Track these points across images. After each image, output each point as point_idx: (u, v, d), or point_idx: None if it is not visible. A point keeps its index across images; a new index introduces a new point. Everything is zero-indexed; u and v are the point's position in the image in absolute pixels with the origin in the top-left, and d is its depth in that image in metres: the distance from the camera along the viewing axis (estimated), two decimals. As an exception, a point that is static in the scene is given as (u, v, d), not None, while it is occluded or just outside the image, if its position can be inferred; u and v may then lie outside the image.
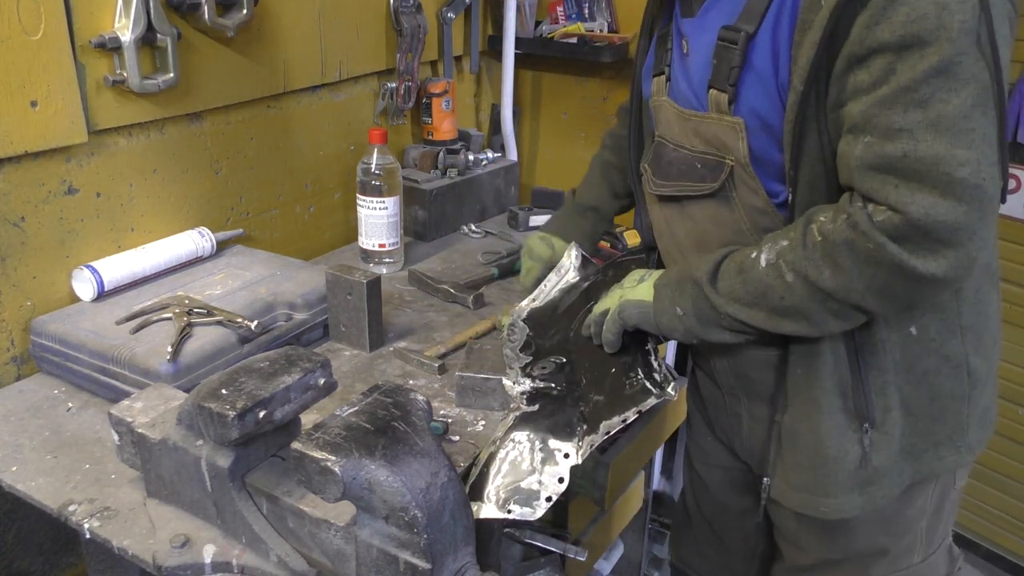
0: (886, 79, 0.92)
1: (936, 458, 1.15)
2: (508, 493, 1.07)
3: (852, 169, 0.96)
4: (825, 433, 1.12)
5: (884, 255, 0.94)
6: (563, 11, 2.28)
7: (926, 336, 1.09)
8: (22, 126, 1.25)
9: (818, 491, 1.15)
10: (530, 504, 1.06)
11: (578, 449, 1.12)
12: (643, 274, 1.25)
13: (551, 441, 1.14)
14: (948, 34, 0.88)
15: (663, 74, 1.24)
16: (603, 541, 1.90)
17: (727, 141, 1.09)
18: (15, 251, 1.31)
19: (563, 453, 1.12)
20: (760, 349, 1.19)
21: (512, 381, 1.27)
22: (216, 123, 1.60)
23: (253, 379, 0.91)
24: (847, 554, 1.25)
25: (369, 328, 1.41)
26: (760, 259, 1.05)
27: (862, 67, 0.94)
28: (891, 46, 0.91)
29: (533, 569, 1.59)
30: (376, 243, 1.73)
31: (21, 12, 1.21)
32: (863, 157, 0.94)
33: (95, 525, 1.01)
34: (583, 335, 1.32)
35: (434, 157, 2.03)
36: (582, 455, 1.11)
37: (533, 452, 1.13)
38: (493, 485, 1.09)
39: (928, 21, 0.89)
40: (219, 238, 1.59)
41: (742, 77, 1.05)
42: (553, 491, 1.07)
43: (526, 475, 1.09)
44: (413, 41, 1.95)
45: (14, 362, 1.35)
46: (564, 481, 1.08)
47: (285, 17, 1.67)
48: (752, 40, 1.03)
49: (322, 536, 0.91)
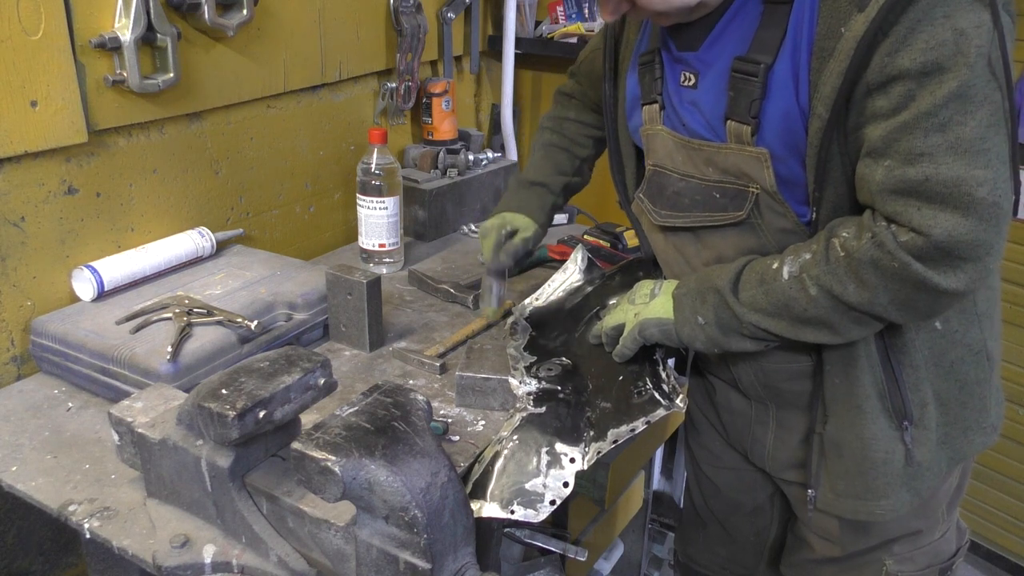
0: (906, 105, 0.94)
1: (967, 442, 1.19)
2: (512, 494, 1.07)
3: (873, 193, 0.99)
4: (872, 438, 1.14)
5: (909, 273, 0.97)
6: (563, 11, 2.28)
7: (950, 329, 1.13)
8: (22, 126, 1.25)
9: (869, 496, 1.17)
10: (534, 506, 1.06)
11: (584, 455, 1.11)
12: (654, 286, 1.25)
13: (558, 445, 1.13)
14: (966, 59, 0.91)
15: (655, 103, 1.23)
16: (603, 541, 1.90)
17: (750, 171, 1.10)
18: (15, 251, 1.31)
19: (569, 458, 1.11)
20: (790, 360, 1.21)
21: (518, 381, 1.27)
22: (216, 123, 1.60)
23: (253, 379, 0.91)
24: (883, 540, 1.28)
25: (369, 328, 1.41)
26: (782, 271, 1.06)
27: (881, 93, 0.96)
28: (911, 73, 0.93)
29: (533, 569, 1.59)
30: (376, 243, 1.73)
31: (21, 12, 1.21)
32: (884, 182, 0.97)
33: (95, 525, 1.01)
34: (591, 342, 1.32)
35: (434, 157, 2.03)
36: (588, 461, 1.11)
37: (539, 454, 1.12)
38: (497, 484, 1.09)
39: (947, 48, 0.91)
40: (219, 238, 1.59)
41: (763, 108, 1.05)
42: (557, 495, 1.07)
43: (531, 477, 1.09)
44: (413, 41, 1.95)
45: (14, 362, 1.35)
46: (569, 486, 1.08)
47: (285, 17, 1.67)
48: (771, 71, 1.04)
49: (322, 536, 0.91)
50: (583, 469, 1.10)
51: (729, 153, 1.11)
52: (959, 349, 1.15)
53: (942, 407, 1.16)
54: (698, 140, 1.15)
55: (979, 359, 1.16)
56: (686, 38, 1.14)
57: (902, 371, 1.12)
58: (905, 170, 0.95)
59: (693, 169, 1.18)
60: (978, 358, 1.16)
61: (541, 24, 2.31)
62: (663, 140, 1.21)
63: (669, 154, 1.21)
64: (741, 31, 1.07)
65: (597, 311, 1.37)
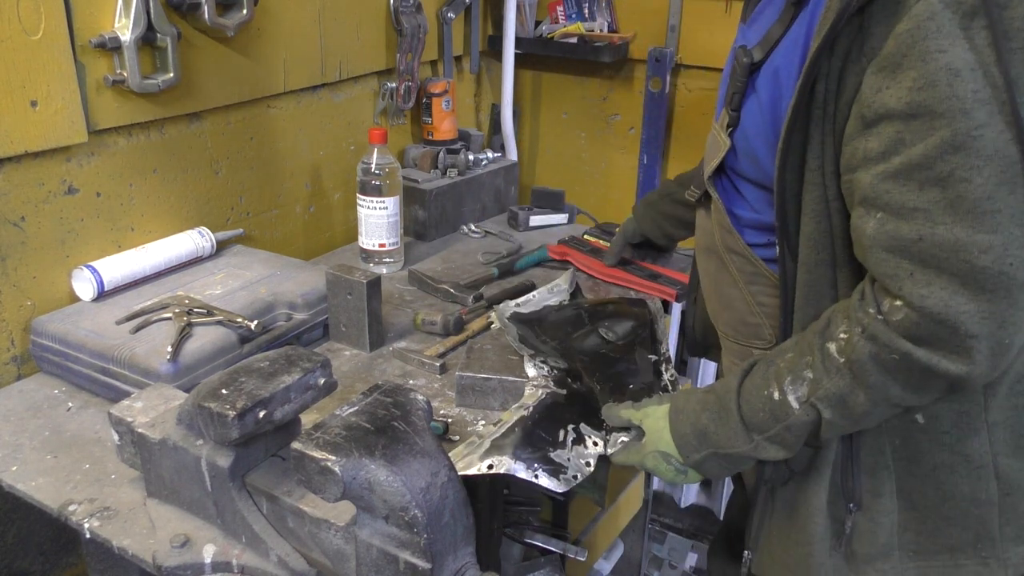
0: (896, 150, 0.84)
1: (953, 565, 1.02)
2: (537, 459, 1.11)
3: (865, 248, 0.89)
4: (817, 508, 1.03)
5: (912, 362, 0.86)
6: (563, 11, 2.28)
7: (937, 428, 0.98)
8: (22, 126, 1.25)
9: (798, 571, 1.06)
10: (557, 476, 1.10)
11: (606, 442, 1.15)
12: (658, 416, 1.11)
13: (583, 426, 1.18)
14: (961, 104, 0.79)
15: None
16: (603, 541, 1.90)
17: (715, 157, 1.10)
18: (15, 251, 1.31)
19: (593, 440, 1.16)
20: None
21: (533, 365, 1.30)
22: (216, 123, 1.60)
23: (253, 379, 0.91)
24: None
25: (369, 328, 1.41)
26: (790, 401, 0.96)
27: (871, 132, 0.86)
28: (898, 114, 0.83)
29: (533, 569, 1.60)
30: (376, 243, 1.73)
31: (21, 12, 1.21)
32: (876, 236, 0.86)
33: (95, 525, 1.01)
34: (589, 351, 1.34)
35: (434, 157, 2.03)
36: (611, 447, 1.13)
37: (566, 430, 1.17)
38: (523, 447, 1.12)
39: (937, 89, 0.79)
40: (219, 238, 1.59)
41: (745, 102, 1.03)
42: (580, 472, 1.10)
43: (557, 447, 1.13)
44: (413, 41, 1.95)
45: (14, 362, 1.35)
46: (591, 467, 1.11)
47: (285, 17, 1.67)
48: (759, 68, 1.01)
49: (322, 536, 0.91)
50: (606, 455, 1.13)
51: (715, 133, 1.11)
52: (947, 455, 0.98)
53: (913, 511, 1.01)
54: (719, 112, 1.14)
55: (981, 475, 0.98)
56: (747, 6, 1.11)
57: (860, 448, 1.00)
58: (898, 225, 0.84)
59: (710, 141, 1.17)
60: (979, 473, 0.98)
61: (541, 24, 2.31)
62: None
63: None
64: (768, 19, 1.02)
65: (596, 328, 1.40)
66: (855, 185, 0.89)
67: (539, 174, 2.50)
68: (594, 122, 2.36)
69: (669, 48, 2.13)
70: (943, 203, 0.81)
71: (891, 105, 0.83)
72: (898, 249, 0.85)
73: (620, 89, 2.28)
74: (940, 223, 0.82)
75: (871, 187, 0.86)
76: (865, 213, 0.88)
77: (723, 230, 1.12)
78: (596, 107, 2.34)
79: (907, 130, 0.82)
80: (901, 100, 0.82)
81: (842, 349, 0.91)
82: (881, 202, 0.85)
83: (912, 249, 0.83)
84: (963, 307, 0.81)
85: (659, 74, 2.15)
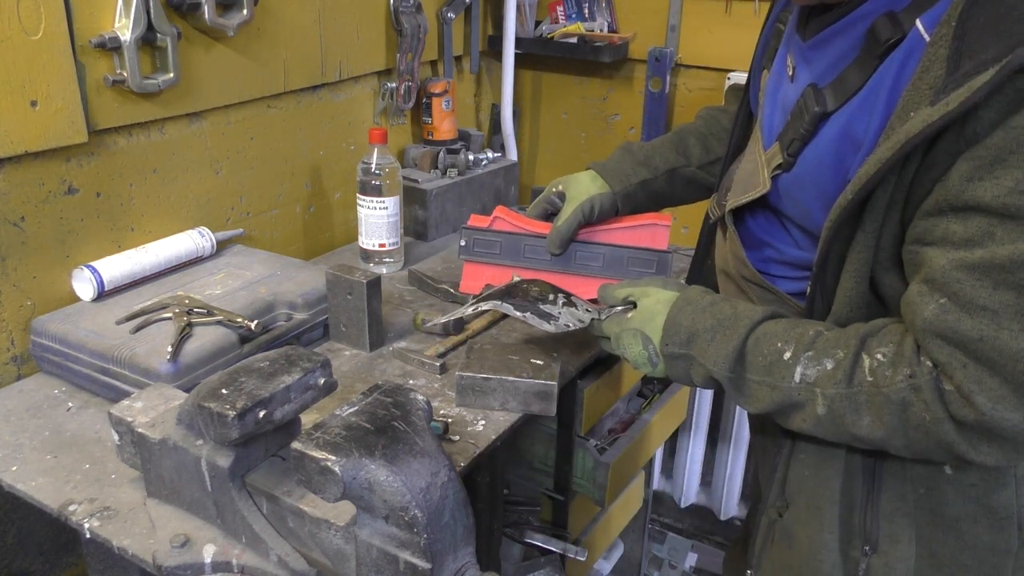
0: (982, 243, 0.80)
1: None
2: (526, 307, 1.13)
3: (918, 328, 0.86)
4: (823, 546, 1.01)
5: (938, 432, 0.85)
6: (563, 11, 2.28)
7: (964, 480, 0.96)
8: (22, 126, 1.25)
9: None
10: (547, 320, 1.12)
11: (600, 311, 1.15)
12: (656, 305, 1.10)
13: (574, 297, 1.19)
14: None
15: (767, 69, 1.13)
16: (603, 541, 1.90)
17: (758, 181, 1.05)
18: (15, 251, 1.31)
19: (585, 308, 1.16)
20: (764, 435, 1.13)
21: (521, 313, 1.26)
22: (216, 123, 1.60)
23: (253, 379, 0.91)
24: None
25: (369, 328, 1.41)
26: (795, 371, 0.93)
27: (959, 217, 0.82)
28: (992, 210, 0.79)
29: (533, 569, 1.60)
30: (376, 243, 1.73)
31: (21, 12, 1.21)
32: (934, 322, 0.84)
33: (95, 525, 1.01)
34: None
35: (434, 157, 2.03)
36: (605, 315, 1.13)
37: (556, 294, 1.18)
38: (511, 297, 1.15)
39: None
40: (219, 238, 1.59)
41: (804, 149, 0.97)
42: (572, 323, 1.12)
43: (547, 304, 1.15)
44: (413, 41, 1.95)
45: (14, 362, 1.35)
46: (583, 323, 1.13)
47: (285, 17, 1.67)
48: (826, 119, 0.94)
49: (322, 536, 0.91)
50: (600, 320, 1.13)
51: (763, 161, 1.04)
52: (972, 507, 0.95)
53: (931, 559, 0.98)
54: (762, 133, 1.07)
55: (1004, 526, 0.96)
56: (803, 20, 1.02)
57: (882, 493, 0.97)
58: (960, 317, 0.81)
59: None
60: (1002, 524, 0.96)
61: (541, 24, 2.31)
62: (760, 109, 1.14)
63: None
64: (839, 52, 0.94)
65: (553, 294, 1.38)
66: (923, 260, 0.86)
67: (539, 174, 2.50)
68: (594, 122, 2.36)
69: (669, 48, 2.14)
70: (1014, 309, 0.79)
71: (985, 200, 0.79)
72: (956, 342, 0.83)
73: (620, 89, 2.28)
74: (1006, 328, 0.79)
75: (942, 271, 0.83)
76: (928, 292, 0.85)
77: (738, 261, 1.10)
78: (596, 107, 2.34)
79: (1000, 227, 0.79)
80: (998, 199, 0.78)
81: (874, 370, 0.88)
82: (949, 290, 0.83)
83: (971, 346, 0.82)
84: (1009, 414, 0.80)
85: (659, 74, 2.15)
